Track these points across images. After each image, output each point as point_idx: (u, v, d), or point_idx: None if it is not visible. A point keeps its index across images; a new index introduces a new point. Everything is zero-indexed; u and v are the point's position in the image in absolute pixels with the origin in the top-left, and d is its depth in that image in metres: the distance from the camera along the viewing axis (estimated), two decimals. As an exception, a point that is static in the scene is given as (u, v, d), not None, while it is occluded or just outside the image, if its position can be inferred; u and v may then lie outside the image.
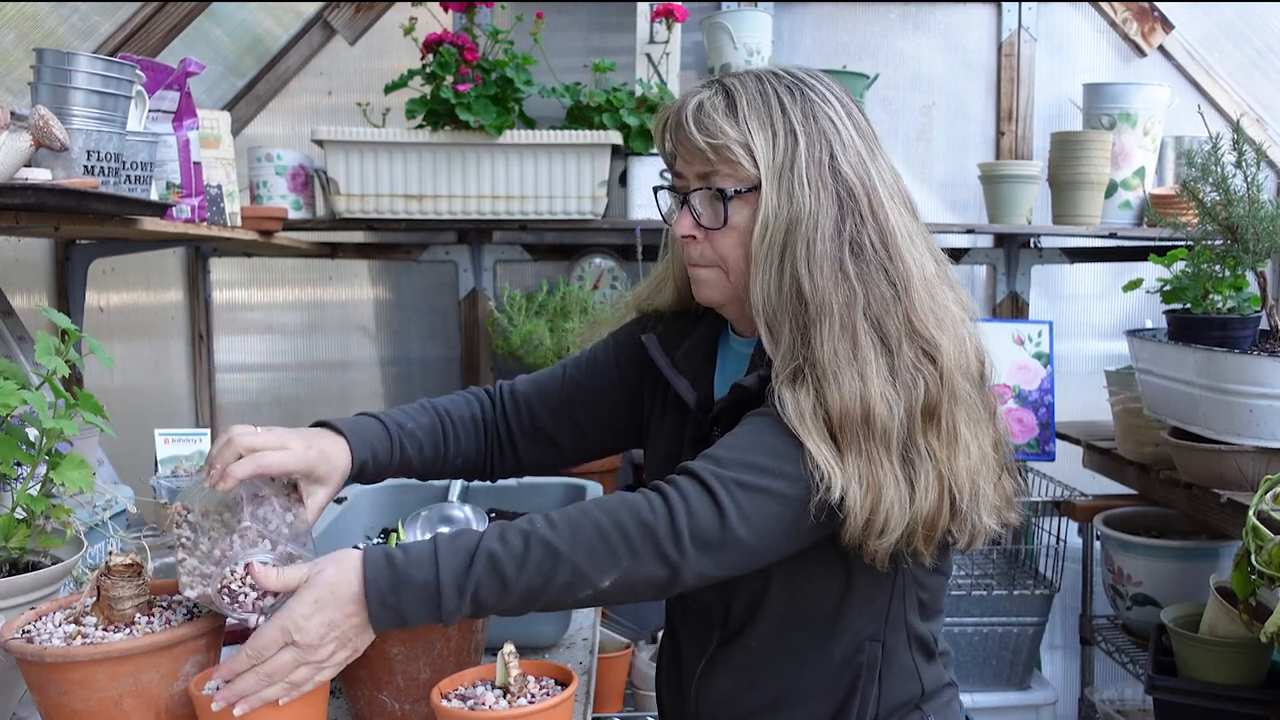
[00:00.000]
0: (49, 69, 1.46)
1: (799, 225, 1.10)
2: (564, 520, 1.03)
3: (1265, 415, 1.88)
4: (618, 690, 2.40)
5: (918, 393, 1.08)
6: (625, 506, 1.03)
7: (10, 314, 1.82)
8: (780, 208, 1.11)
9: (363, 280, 2.98)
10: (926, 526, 1.08)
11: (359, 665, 1.15)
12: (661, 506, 1.02)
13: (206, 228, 1.97)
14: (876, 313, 1.09)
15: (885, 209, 1.13)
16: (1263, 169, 2.01)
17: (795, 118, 1.12)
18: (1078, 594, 2.82)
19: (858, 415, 1.06)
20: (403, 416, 1.32)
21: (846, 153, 1.13)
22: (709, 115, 1.13)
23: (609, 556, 1.01)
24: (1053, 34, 3.01)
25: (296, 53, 2.85)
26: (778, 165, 1.11)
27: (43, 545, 1.22)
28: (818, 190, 1.10)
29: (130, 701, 1.03)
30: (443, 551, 1.01)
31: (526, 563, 1.00)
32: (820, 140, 1.12)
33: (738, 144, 1.12)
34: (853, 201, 1.11)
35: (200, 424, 2.84)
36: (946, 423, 1.09)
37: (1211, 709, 2.00)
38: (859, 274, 1.10)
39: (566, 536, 1.01)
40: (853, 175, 1.12)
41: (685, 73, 2.82)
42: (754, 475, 1.04)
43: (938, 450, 1.08)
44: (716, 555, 1.03)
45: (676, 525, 1.01)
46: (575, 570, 1.00)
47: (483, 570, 1.00)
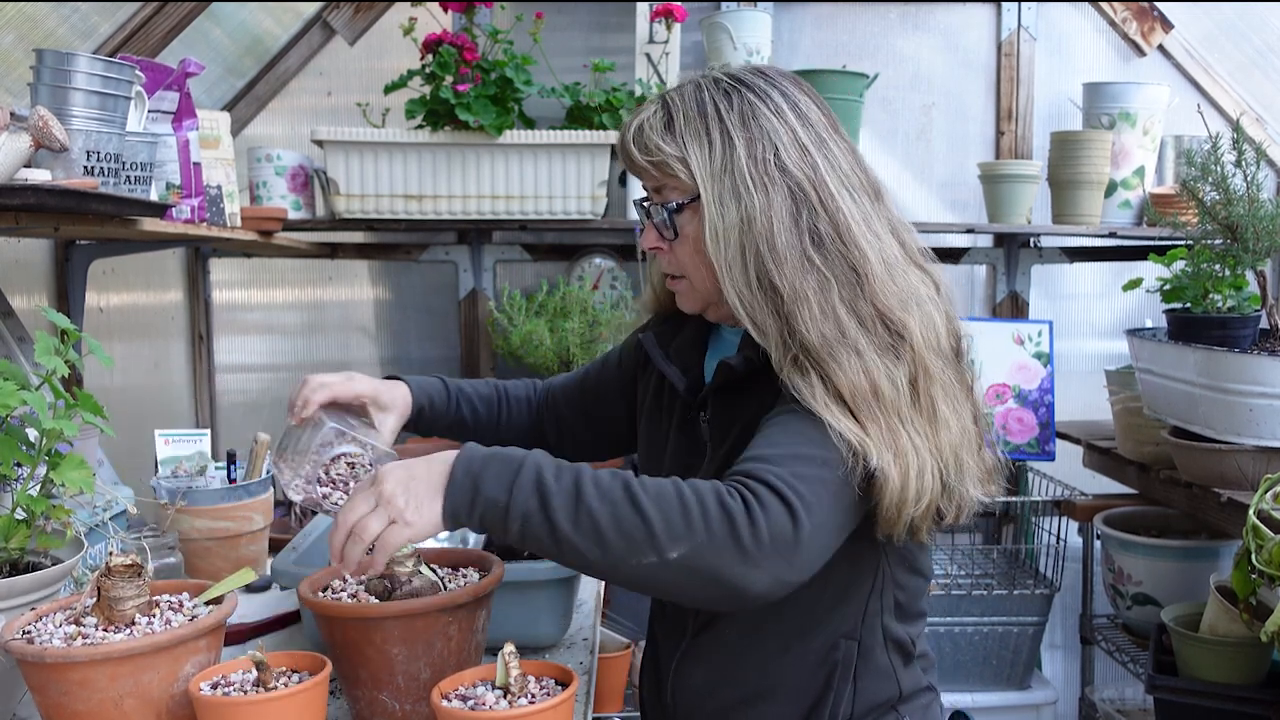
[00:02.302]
0: (49, 69, 1.46)
1: (752, 224, 1.12)
2: (651, 480, 1.02)
3: (1265, 414, 1.88)
4: (618, 690, 2.40)
5: (898, 370, 1.10)
6: (711, 489, 1.01)
7: (10, 314, 1.82)
8: (726, 212, 1.13)
9: (363, 280, 2.98)
10: (918, 501, 1.09)
11: (359, 665, 1.15)
12: (739, 500, 1.00)
13: (206, 228, 1.97)
14: (849, 297, 1.11)
15: (835, 199, 1.14)
16: (1262, 168, 2.01)
17: (731, 122, 1.14)
18: (1078, 593, 2.82)
19: (867, 389, 1.08)
20: (464, 382, 1.49)
21: (789, 148, 1.14)
22: (647, 135, 1.17)
23: (685, 527, 0.98)
24: (1052, 33, 3.01)
25: (296, 53, 2.85)
26: (715, 172, 1.14)
27: (43, 546, 1.22)
28: (765, 187, 1.12)
29: (130, 702, 1.03)
30: (537, 451, 1.05)
31: (606, 496, 0.99)
32: (761, 139, 1.14)
33: (675, 159, 1.15)
34: (804, 194, 1.13)
35: (200, 424, 2.84)
36: (925, 400, 1.11)
37: (1212, 708, 2.00)
38: (824, 262, 1.12)
39: (652, 492, 1.00)
40: (797, 170, 1.13)
41: (685, 73, 2.82)
42: (806, 466, 1.04)
43: (923, 425, 1.10)
44: (792, 556, 1.00)
45: (755, 520, 0.99)
46: (647, 525, 0.98)
47: (568, 480, 1.01)
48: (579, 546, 0.99)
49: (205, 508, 1.64)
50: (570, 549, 1.00)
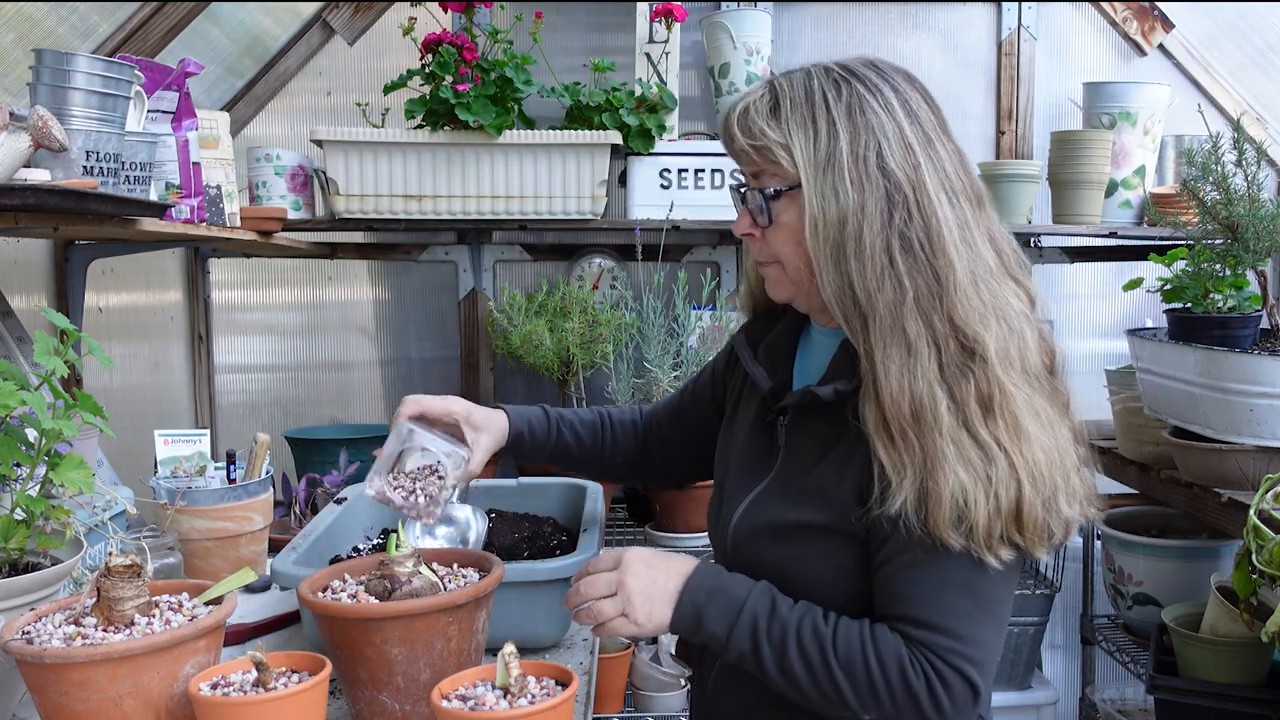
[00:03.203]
0: (48, 69, 1.46)
1: (845, 223, 1.10)
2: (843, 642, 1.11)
3: (1266, 414, 1.88)
4: (618, 691, 2.40)
5: (968, 387, 1.08)
6: (894, 662, 1.09)
7: (9, 315, 1.82)
8: (826, 205, 1.11)
9: (362, 280, 2.98)
10: (1013, 516, 1.08)
11: (359, 665, 1.15)
12: (923, 680, 1.09)
13: (206, 228, 1.96)
14: (925, 309, 1.09)
15: (932, 203, 1.11)
16: (1263, 168, 2.01)
17: (838, 113, 1.12)
18: (1079, 593, 2.82)
19: (906, 411, 1.08)
20: (565, 410, 1.52)
21: (893, 146, 1.11)
22: (752, 118, 1.16)
23: (872, 698, 1.10)
24: (1053, 33, 3.01)
25: (295, 53, 2.85)
26: (818, 163, 1.12)
27: (42, 546, 1.22)
28: (861, 186, 1.10)
29: (130, 702, 1.03)
30: (759, 588, 1.16)
31: (806, 655, 1.11)
32: (866, 135, 1.11)
33: (778, 145, 1.14)
34: (901, 196, 1.10)
35: (200, 425, 2.84)
36: (1005, 416, 1.08)
37: (1212, 708, 2.00)
38: (908, 269, 1.10)
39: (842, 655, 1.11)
40: (899, 171, 1.11)
41: (685, 72, 2.82)
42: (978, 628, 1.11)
43: (1006, 442, 1.08)
44: (971, 711, 1.11)
45: (938, 700, 1.09)
46: (839, 692, 1.10)
47: (778, 634, 1.12)
48: (785, 691, 1.14)
49: (205, 508, 1.64)
50: (778, 689, 1.14)
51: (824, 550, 1.17)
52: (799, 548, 1.18)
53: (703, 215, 2.57)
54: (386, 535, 1.71)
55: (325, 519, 1.65)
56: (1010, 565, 1.11)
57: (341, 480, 2.05)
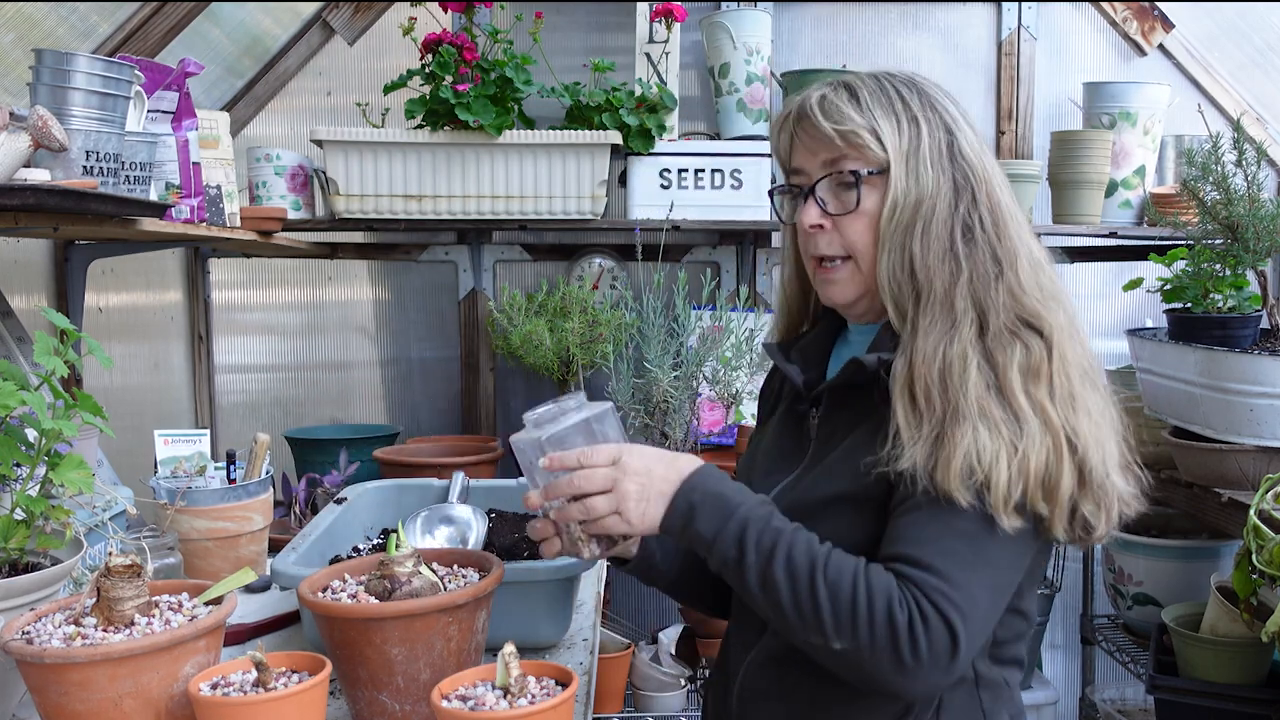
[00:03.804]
0: (48, 69, 1.46)
1: (921, 206, 1.16)
2: (834, 563, 1.08)
3: (1266, 414, 1.88)
4: (618, 691, 2.40)
5: (1013, 353, 1.11)
6: (883, 590, 1.06)
7: (9, 314, 1.82)
8: (909, 189, 1.16)
9: (362, 280, 2.98)
10: (1045, 486, 1.08)
11: (359, 665, 1.15)
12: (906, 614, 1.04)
13: (206, 228, 1.96)
14: (978, 287, 1.14)
15: (998, 193, 1.18)
16: (1263, 168, 2.01)
17: (915, 106, 1.19)
18: (1079, 593, 2.82)
19: (935, 370, 1.11)
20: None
21: (967, 138, 1.19)
22: (834, 105, 1.19)
23: (850, 624, 1.05)
24: (1052, 33, 3.01)
25: (295, 53, 2.85)
26: (905, 149, 1.17)
27: (42, 546, 1.22)
28: (938, 173, 1.17)
29: (130, 703, 1.03)
30: (758, 499, 1.14)
31: (792, 569, 1.07)
32: (940, 127, 1.19)
33: (865, 129, 1.18)
34: (968, 185, 1.17)
35: (200, 425, 2.84)
36: (1059, 381, 1.11)
37: (1212, 708, 2.00)
38: (966, 254, 1.15)
39: (832, 575, 1.07)
40: (973, 159, 1.18)
41: (685, 72, 2.82)
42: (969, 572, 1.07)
43: (1048, 408, 1.09)
44: (949, 667, 1.05)
45: (916, 639, 1.03)
46: (819, 613, 1.06)
47: (767, 543, 1.09)
48: (761, 605, 1.10)
49: (205, 508, 1.64)
50: (752, 600, 1.11)
51: (854, 523, 1.16)
52: (829, 524, 1.16)
53: (703, 215, 2.57)
54: (386, 535, 1.71)
55: (325, 519, 1.65)
56: (1022, 535, 1.09)
57: (341, 480, 2.05)
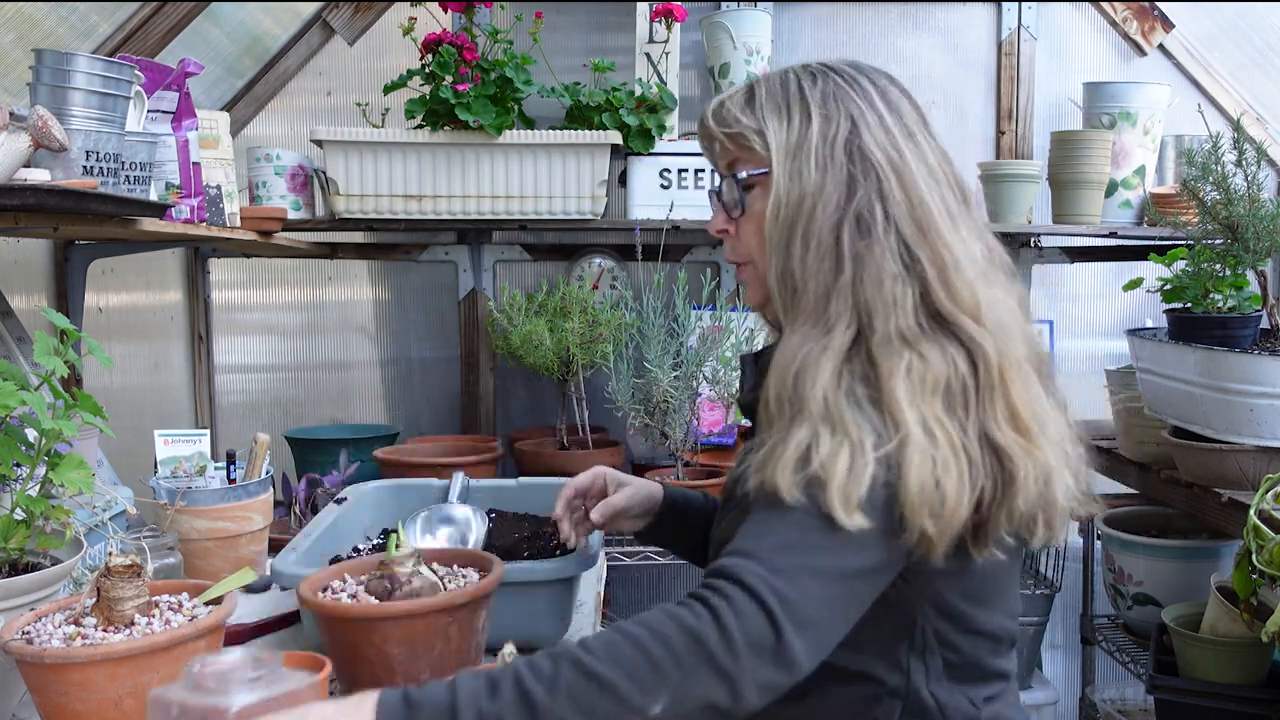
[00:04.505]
0: (48, 69, 1.46)
1: (803, 204, 1.09)
2: (598, 640, 0.94)
3: (1266, 414, 1.88)
4: (618, 690, 2.40)
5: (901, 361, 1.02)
6: (667, 617, 0.94)
7: (9, 314, 1.82)
8: (791, 187, 1.09)
9: (362, 280, 2.98)
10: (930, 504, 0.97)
11: (359, 666, 1.15)
12: (706, 613, 0.93)
13: (206, 228, 1.96)
14: (866, 289, 1.05)
15: (920, 187, 1.09)
16: (1263, 168, 2.01)
17: (813, 100, 1.12)
18: (1079, 593, 2.82)
19: (787, 378, 1.03)
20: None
21: (871, 130, 1.10)
22: (727, 108, 1.17)
23: (653, 674, 0.90)
24: (1052, 33, 3.00)
25: (295, 53, 2.85)
26: (789, 146, 1.11)
27: (42, 546, 1.22)
28: (825, 168, 1.09)
29: (130, 703, 1.03)
30: (462, 677, 0.93)
31: (557, 686, 0.90)
32: (838, 120, 1.10)
33: (752, 130, 1.14)
34: (869, 178, 1.08)
35: (200, 425, 2.84)
36: (975, 410, 1.02)
37: (1213, 708, 2.00)
38: (855, 253, 1.06)
39: (602, 655, 0.91)
40: (879, 151, 1.09)
41: (685, 72, 2.82)
42: (789, 556, 0.96)
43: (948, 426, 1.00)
44: (779, 660, 0.92)
45: (726, 632, 0.91)
46: (615, 695, 0.89)
47: (509, 693, 0.90)
48: None
49: (205, 508, 1.64)
50: None
51: None
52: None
53: (703, 215, 2.57)
54: (386, 535, 1.71)
55: (325, 519, 1.65)
56: (866, 535, 0.97)
57: (341, 480, 2.05)
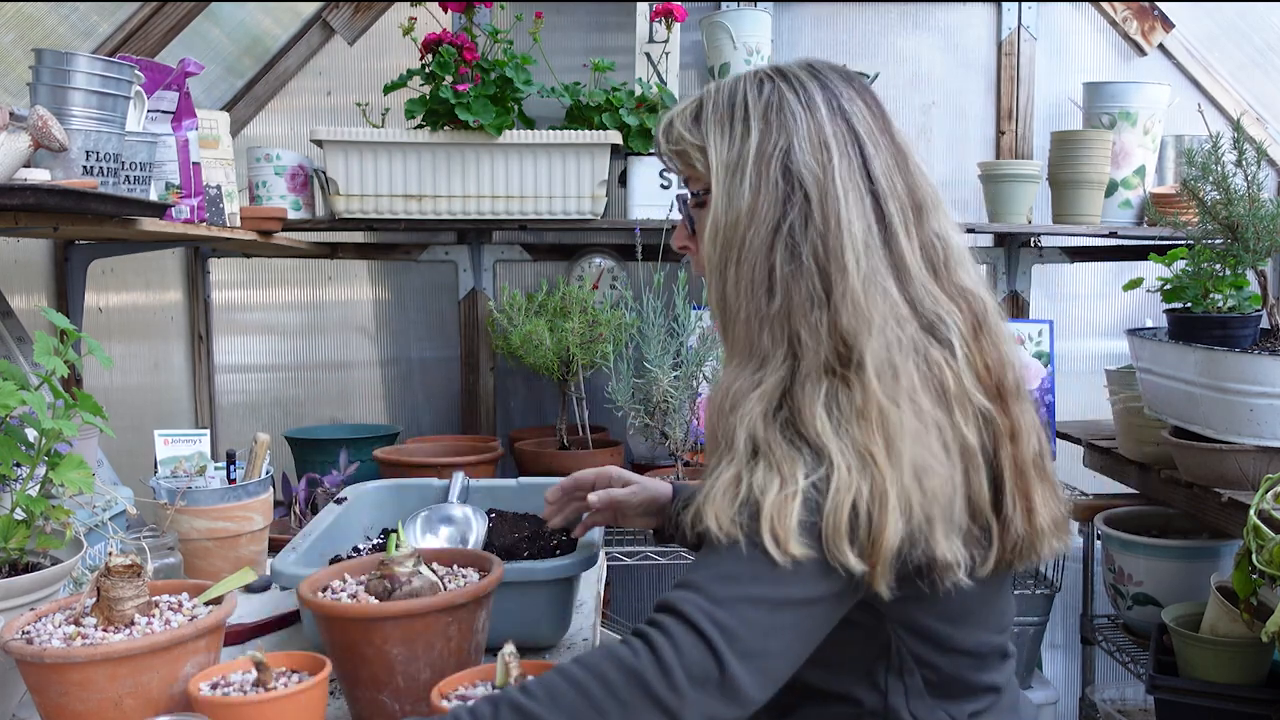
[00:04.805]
0: (48, 69, 1.46)
1: (738, 226, 1.05)
2: (538, 684, 0.93)
3: (1266, 414, 1.88)
4: (618, 690, 2.40)
5: (818, 391, 0.99)
6: (606, 656, 0.93)
7: (9, 314, 1.82)
8: (729, 208, 1.05)
9: (362, 280, 2.98)
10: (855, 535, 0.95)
11: (359, 665, 1.15)
12: (645, 650, 0.92)
13: (206, 228, 1.96)
14: (795, 316, 1.02)
15: (838, 204, 1.02)
16: (1263, 168, 2.01)
17: (754, 113, 1.06)
18: (1079, 593, 2.82)
19: (722, 407, 1.02)
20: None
21: (803, 146, 1.04)
22: (675, 124, 1.13)
23: (594, 717, 0.90)
24: (1052, 33, 3.00)
25: (295, 53, 2.85)
26: (729, 164, 1.06)
27: (42, 546, 1.22)
28: (759, 187, 1.04)
29: (130, 702, 1.03)
30: None
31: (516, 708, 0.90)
32: (777, 134, 1.05)
33: (694, 148, 1.10)
34: (798, 198, 1.03)
35: (200, 425, 2.84)
36: (881, 433, 0.97)
37: (1213, 708, 2.00)
38: (784, 276, 1.02)
39: (543, 698, 0.91)
40: (804, 171, 1.03)
41: (685, 72, 2.82)
42: (730, 587, 0.94)
43: (877, 456, 0.96)
44: (724, 693, 0.91)
45: (666, 667, 0.90)
46: None
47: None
48: None
49: (205, 508, 1.64)
50: None
51: None
52: None
53: (703, 215, 2.57)
54: (386, 535, 1.71)
55: (325, 519, 1.65)
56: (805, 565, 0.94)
57: (341, 480, 2.05)
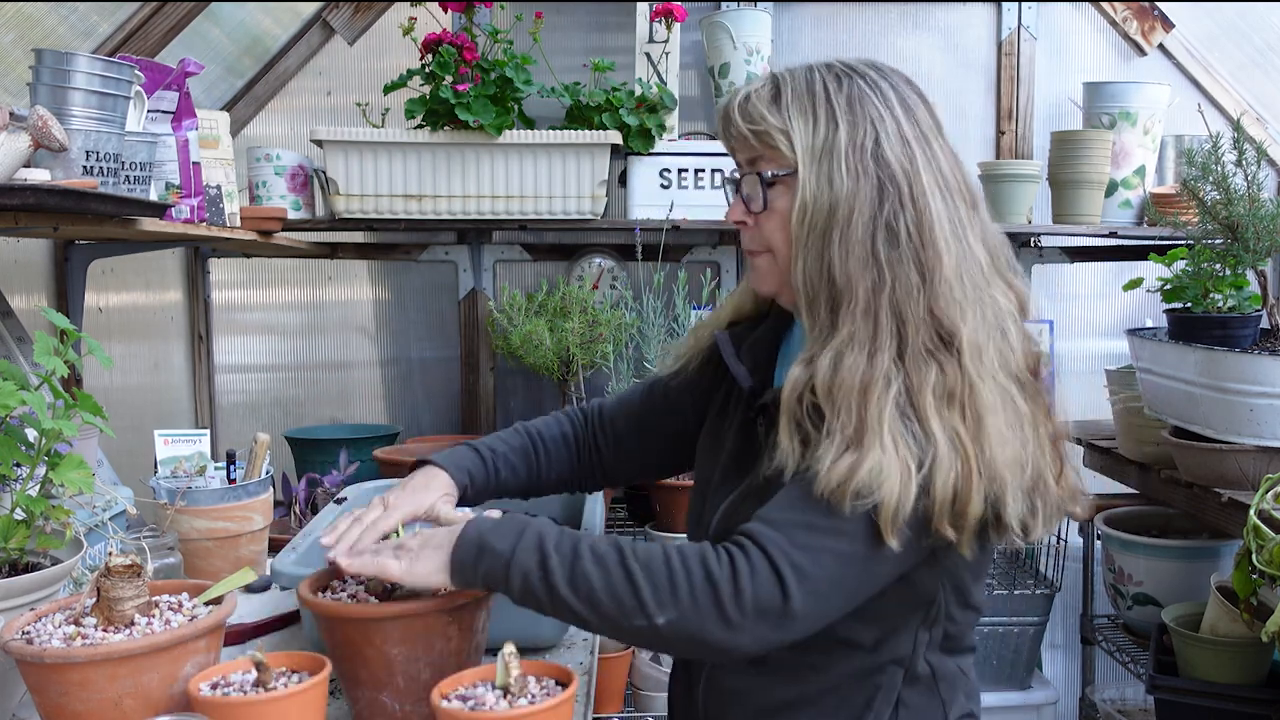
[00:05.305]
0: (48, 69, 1.46)
1: (837, 209, 1.12)
2: (643, 547, 1.08)
3: (1266, 414, 1.88)
4: (618, 691, 2.40)
5: (927, 375, 1.09)
6: (697, 554, 1.06)
7: (9, 314, 1.82)
8: (820, 192, 1.13)
9: (362, 280, 2.98)
10: (952, 510, 1.06)
11: (359, 665, 1.15)
12: (727, 565, 1.04)
13: (206, 228, 1.96)
14: (899, 298, 1.11)
15: (927, 196, 1.13)
16: (1263, 168, 2.01)
17: (839, 104, 1.14)
18: (1079, 593, 2.82)
19: (856, 385, 1.08)
20: (495, 441, 1.44)
21: (891, 139, 1.13)
22: (754, 104, 1.17)
23: (670, 593, 1.04)
24: (1053, 33, 3.00)
25: (295, 53, 2.85)
26: (816, 150, 1.14)
27: (42, 546, 1.22)
28: (857, 175, 1.12)
29: (130, 702, 1.03)
30: (543, 519, 1.14)
31: (600, 559, 1.07)
32: (864, 126, 1.13)
33: (777, 130, 1.15)
34: (894, 187, 1.12)
35: (200, 425, 2.84)
36: (970, 410, 1.08)
37: (1212, 708, 2.00)
38: (889, 260, 1.11)
39: (641, 558, 1.07)
40: (895, 161, 1.13)
41: (685, 72, 2.82)
42: (811, 535, 1.06)
43: (962, 434, 1.07)
44: (779, 622, 1.04)
45: (740, 586, 1.03)
46: (636, 591, 1.05)
47: (567, 544, 1.09)
48: (574, 606, 1.07)
49: (205, 508, 1.64)
50: (566, 608, 1.08)
51: None
52: None
53: (703, 215, 2.57)
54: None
55: (325, 519, 1.65)
56: (904, 552, 1.07)
57: (341, 480, 2.05)
